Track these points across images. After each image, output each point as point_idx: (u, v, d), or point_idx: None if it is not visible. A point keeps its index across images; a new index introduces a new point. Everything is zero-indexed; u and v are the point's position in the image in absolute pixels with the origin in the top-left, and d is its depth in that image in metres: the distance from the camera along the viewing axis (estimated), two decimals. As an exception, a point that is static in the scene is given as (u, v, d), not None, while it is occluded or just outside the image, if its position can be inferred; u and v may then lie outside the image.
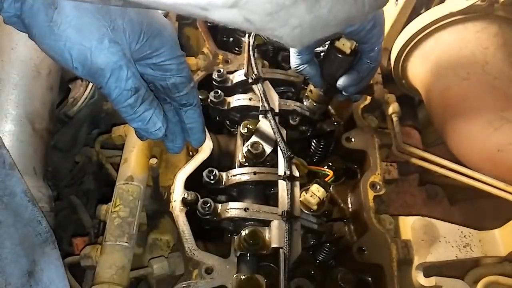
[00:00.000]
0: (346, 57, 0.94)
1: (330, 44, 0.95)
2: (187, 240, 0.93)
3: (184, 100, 0.73)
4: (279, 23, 0.45)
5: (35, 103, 1.05)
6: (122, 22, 0.62)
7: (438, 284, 0.95)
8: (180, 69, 0.70)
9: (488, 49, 1.10)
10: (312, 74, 1.00)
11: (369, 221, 0.99)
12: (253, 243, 0.89)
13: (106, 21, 0.61)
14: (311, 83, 1.07)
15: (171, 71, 0.70)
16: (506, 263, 0.99)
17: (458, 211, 1.18)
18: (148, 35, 0.65)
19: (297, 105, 1.11)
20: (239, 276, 0.87)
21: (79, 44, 0.59)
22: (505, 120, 0.99)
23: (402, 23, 1.23)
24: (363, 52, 0.93)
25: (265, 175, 0.99)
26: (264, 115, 1.05)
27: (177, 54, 0.70)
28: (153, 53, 0.68)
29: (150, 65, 0.69)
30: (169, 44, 0.68)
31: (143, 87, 0.66)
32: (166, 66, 0.69)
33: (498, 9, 1.10)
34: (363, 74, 0.96)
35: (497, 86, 1.05)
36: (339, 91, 1.01)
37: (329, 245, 1.01)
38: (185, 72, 0.71)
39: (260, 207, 0.94)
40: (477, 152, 1.04)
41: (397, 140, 1.16)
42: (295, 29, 0.46)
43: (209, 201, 0.93)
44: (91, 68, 0.61)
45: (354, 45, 0.93)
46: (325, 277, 0.99)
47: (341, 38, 0.93)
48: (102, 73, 0.61)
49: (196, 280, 0.88)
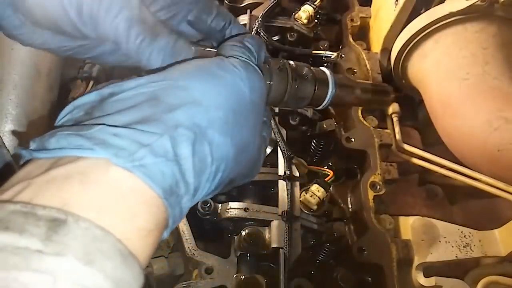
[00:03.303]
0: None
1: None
2: (187, 240, 0.93)
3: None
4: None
5: (35, 103, 1.05)
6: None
7: (438, 284, 0.95)
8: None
9: (487, 50, 1.10)
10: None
11: (369, 221, 0.99)
12: (253, 243, 0.89)
13: None
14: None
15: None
16: (506, 263, 0.99)
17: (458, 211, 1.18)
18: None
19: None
20: (239, 276, 0.87)
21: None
22: (504, 120, 0.99)
23: (402, 23, 1.23)
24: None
25: (265, 175, 0.99)
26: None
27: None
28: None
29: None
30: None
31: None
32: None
33: (498, 9, 1.10)
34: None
35: (496, 86, 1.05)
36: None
37: (329, 245, 1.01)
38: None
39: (260, 207, 0.94)
40: (477, 152, 1.04)
41: (397, 140, 1.16)
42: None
43: (209, 201, 0.93)
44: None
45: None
46: (325, 277, 0.99)
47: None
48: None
49: (196, 280, 0.88)
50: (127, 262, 0.35)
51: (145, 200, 0.39)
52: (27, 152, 0.40)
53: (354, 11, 1.37)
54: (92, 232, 0.34)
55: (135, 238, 0.37)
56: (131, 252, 0.36)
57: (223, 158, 0.46)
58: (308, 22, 1.28)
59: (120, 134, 0.39)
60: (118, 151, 0.38)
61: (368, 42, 1.36)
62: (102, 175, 0.37)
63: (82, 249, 0.33)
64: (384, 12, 1.29)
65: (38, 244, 0.32)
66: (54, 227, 0.33)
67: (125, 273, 0.35)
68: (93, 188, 0.37)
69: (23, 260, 0.31)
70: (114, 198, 0.37)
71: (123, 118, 0.41)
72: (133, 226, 0.37)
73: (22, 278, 0.31)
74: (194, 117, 0.43)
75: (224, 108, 0.46)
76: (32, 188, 0.36)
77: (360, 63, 1.26)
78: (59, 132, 0.40)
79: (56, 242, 0.32)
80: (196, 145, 0.42)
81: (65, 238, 0.33)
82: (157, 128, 0.40)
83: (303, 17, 1.27)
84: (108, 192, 0.37)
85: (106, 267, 0.33)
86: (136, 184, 0.38)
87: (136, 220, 0.38)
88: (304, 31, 1.27)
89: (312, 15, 1.28)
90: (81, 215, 0.34)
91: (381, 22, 1.29)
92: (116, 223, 0.36)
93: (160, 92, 0.44)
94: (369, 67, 1.25)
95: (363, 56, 1.27)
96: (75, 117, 0.44)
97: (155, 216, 0.39)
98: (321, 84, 0.65)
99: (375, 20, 1.35)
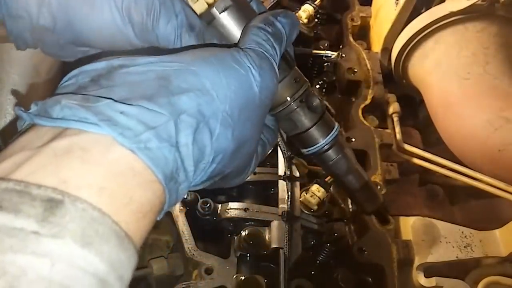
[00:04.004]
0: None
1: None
2: (187, 240, 0.92)
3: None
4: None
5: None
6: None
7: (438, 284, 0.95)
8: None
9: (488, 49, 1.10)
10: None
11: (369, 221, 0.99)
12: (253, 243, 0.89)
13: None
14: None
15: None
16: (507, 263, 0.99)
17: (458, 211, 1.18)
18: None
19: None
20: (239, 277, 0.87)
21: None
22: (505, 120, 0.99)
23: (402, 23, 1.23)
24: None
25: (265, 175, 0.99)
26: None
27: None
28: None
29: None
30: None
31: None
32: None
33: (499, 9, 1.10)
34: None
35: (497, 86, 1.05)
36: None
37: (329, 245, 1.00)
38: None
39: (260, 207, 0.94)
40: (477, 152, 1.04)
41: (397, 140, 1.16)
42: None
43: (209, 201, 0.93)
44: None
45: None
46: (325, 277, 0.99)
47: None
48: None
49: (196, 280, 0.88)
50: (123, 244, 0.35)
51: (145, 183, 0.38)
52: (28, 115, 0.39)
53: (354, 11, 1.37)
54: (89, 214, 0.33)
55: (131, 221, 0.37)
56: (127, 234, 0.35)
57: (222, 150, 0.45)
58: (309, 22, 1.28)
59: (128, 113, 0.38)
60: (124, 131, 0.37)
61: (368, 42, 1.36)
62: (104, 153, 0.36)
63: (80, 231, 0.32)
64: (384, 11, 1.28)
65: (35, 225, 0.31)
66: (51, 208, 0.32)
67: (121, 255, 0.35)
68: (93, 167, 0.36)
69: (20, 242, 0.31)
70: (114, 179, 0.36)
71: (130, 91, 0.40)
72: (131, 209, 0.37)
73: (19, 261, 0.30)
74: (200, 104, 0.42)
75: (231, 101, 0.45)
76: (31, 161, 0.35)
77: (360, 62, 1.26)
78: (63, 99, 0.38)
79: (53, 224, 0.32)
80: (198, 134, 0.42)
81: (62, 219, 0.32)
82: (164, 109, 0.40)
83: (303, 16, 1.27)
84: (109, 172, 0.36)
85: (103, 249, 0.33)
86: (138, 166, 0.38)
87: (134, 202, 0.37)
88: (304, 31, 1.27)
89: (312, 14, 1.27)
90: (78, 195, 0.34)
91: (382, 21, 1.29)
92: (114, 205, 0.35)
93: (170, 73, 0.43)
94: (369, 66, 1.24)
95: (364, 56, 1.26)
96: (79, 82, 0.43)
97: (152, 200, 0.39)
98: (321, 128, 0.59)
99: (375, 19, 1.35)
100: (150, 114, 0.39)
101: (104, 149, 0.37)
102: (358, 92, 1.23)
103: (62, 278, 0.31)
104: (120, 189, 0.36)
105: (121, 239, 0.35)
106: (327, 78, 1.28)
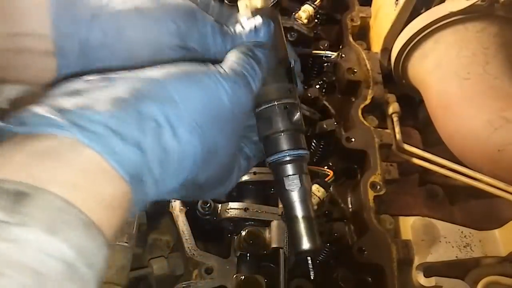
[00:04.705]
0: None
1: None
2: (187, 240, 0.93)
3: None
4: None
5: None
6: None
7: (438, 284, 0.95)
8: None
9: (488, 49, 1.10)
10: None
11: (369, 221, 0.99)
12: (253, 243, 0.89)
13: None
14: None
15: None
16: (507, 263, 0.99)
17: (458, 211, 1.18)
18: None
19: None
20: (239, 276, 0.87)
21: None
22: (505, 120, 0.99)
23: (402, 23, 1.23)
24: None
25: (265, 175, 0.99)
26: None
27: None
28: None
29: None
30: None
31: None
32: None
33: (499, 9, 1.10)
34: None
35: (497, 86, 1.05)
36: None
37: (329, 245, 1.01)
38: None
39: (260, 207, 0.94)
40: (477, 152, 1.04)
41: (397, 140, 1.16)
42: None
43: (209, 201, 0.93)
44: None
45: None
46: (325, 277, 0.99)
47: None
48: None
49: (196, 280, 0.88)
50: (91, 232, 0.38)
51: (113, 181, 0.41)
52: (2, 123, 0.42)
53: (354, 11, 1.37)
54: (56, 204, 0.36)
55: (100, 213, 0.39)
56: (94, 222, 0.38)
57: (189, 155, 0.48)
58: (308, 22, 1.28)
59: (96, 120, 0.41)
60: (92, 135, 0.41)
61: (368, 42, 1.36)
62: (74, 154, 0.40)
63: (47, 220, 0.35)
64: (384, 12, 1.28)
65: (3, 215, 0.34)
66: (19, 200, 0.35)
67: (89, 243, 0.37)
68: (62, 165, 0.39)
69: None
70: (82, 175, 0.39)
71: (100, 100, 0.43)
72: (99, 202, 0.40)
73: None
74: (167, 113, 0.45)
75: (199, 112, 0.48)
76: (3, 159, 0.38)
77: (360, 63, 1.26)
78: (36, 108, 0.42)
79: (22, 214, 0.35)
80: (163, 138, 0.45)
81: (30, 209, 0.35)
82: (131, 117, 0.43)
83: (303, 16, 1.27)
84: (77, 170, 0.39)
85: (70, 236, 0.36)
86: (106, 166, 0.41)
87: (102, 196, 0.40)
88: (304, 31, 1.27)
89: (312, 15, 1.28)
90: (46, 189, 0.36)
91: (381, 22, 1.29)
92: (82, 197, 0.38)
93: (142, 85, 0.46)
94: (369, 67, 1.25)
95: (363, 56, 1.26)
96: (56, 93, 0.46)
97: (120, 196, 0.42)
98: (291, 139, 0.59)
99: (375, 20, 1.35)
100: (117, 120, 0.42)
101: (73, 151, 0.40)
102: (358, 92, 1.23)
103: (31, 262, 0.33)
104: (88, 183, 0.39)
105: (88, 227, 0.38)
106: (327, 78, 1.28)
